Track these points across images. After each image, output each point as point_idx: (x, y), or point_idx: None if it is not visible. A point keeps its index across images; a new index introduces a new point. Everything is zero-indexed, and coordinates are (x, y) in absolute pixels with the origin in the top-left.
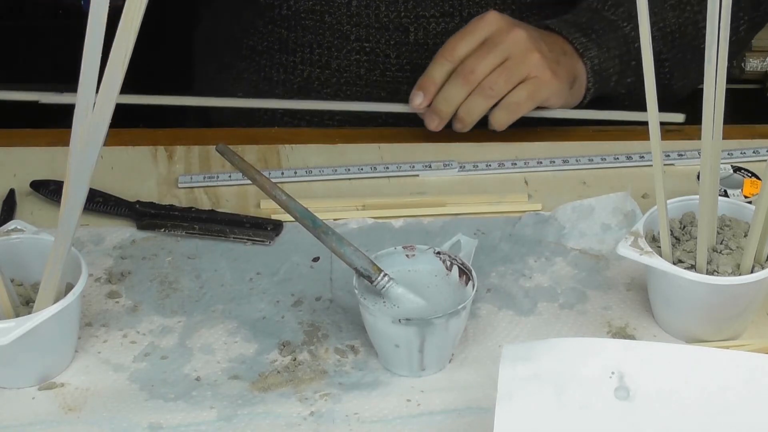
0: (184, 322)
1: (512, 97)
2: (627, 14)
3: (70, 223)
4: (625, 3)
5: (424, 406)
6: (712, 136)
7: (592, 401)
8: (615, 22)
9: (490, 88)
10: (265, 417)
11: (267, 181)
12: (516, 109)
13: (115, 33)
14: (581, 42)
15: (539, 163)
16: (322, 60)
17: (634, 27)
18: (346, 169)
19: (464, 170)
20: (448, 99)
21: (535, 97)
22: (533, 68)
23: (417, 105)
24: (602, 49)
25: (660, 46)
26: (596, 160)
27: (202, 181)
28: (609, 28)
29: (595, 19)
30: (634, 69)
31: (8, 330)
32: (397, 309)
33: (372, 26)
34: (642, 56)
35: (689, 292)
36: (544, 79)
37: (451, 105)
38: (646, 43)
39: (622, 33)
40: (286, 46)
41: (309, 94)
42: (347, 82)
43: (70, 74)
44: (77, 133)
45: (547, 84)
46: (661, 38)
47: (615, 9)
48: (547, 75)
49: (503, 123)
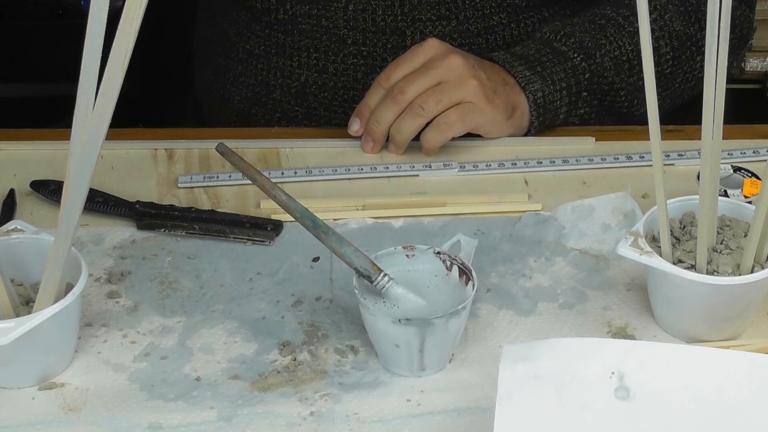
0: (184, 322)
1: (443, 117)
2: (578, 45)
3: (70, 223)
4: (577, 33)
5: (424, 406)
6: (712, 136)
7: (592, 401)
8: (566, 53)
9: (420, 106)
10: (265, 417)
11: (267, 181)
12: (447, 129)
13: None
14: (524, 75)
15: (539, 163)
16: (319, 64)
17: (584, 58)
18: (346, 169)
19: (464, 170)
20: (378, 119)
21: (466, 120)
22: (467, 94)
23: (354, 131)
24: (547, 82)
25: (612, 75)
26: (596, 160)
27: (202, 181)
28: (557, 60)
29: (544, 50)
30: (586, 100)
31: (8, 330)
32: (397, 309)
33: (369, 30)
34: (642, 56)
35: (689, 292)
36: (479, 105)
37: (382, 125)
38: (646, 43)
39: (572, 64)
40: (283, 50)
41: (306, 99)
42: (344, 86)
43: (70, 74)
44: (77, 133)
45: (481, 110)
46: (614, 68)
47: (566, 39)
48: (481, 102)
49: (433, 142)
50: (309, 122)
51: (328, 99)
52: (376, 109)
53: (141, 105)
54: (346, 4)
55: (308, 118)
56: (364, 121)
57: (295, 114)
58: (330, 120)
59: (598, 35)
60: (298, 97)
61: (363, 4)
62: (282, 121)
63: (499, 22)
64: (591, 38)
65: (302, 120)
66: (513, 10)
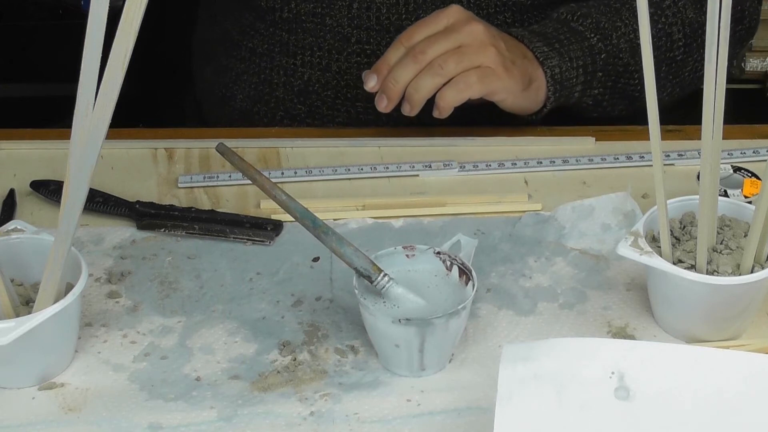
0: (184, 322)
1: (463, 77)
2: (594, 25)
3: (70, 223)
4: (594, 14)
5: (424, 406)
6: (712, 136)
7: (592, 401)
8: (582, 32)
9: (440, 66)
10: (265, 417)
11: (267, 181)
12: (465, 88)
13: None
14: (542, 51)
15: (539, 163)
16: (323, 62)
17: (601, 38)
18: (346, 169)
19: (464, 170)
20: (397, 78)
21: (485, 82)
22: (487, 59)
23: (370, 87)
24: (564, 59)
25: (627, 57)
26: (596, 160)
27: (202, 181)
28: (575, 39)
29: (562, 29)
30: (601, 81)
31: (8, 330)
32: (397, 309)
33: (373, 28)
34: (642, 56)
35: (689, 292)
36: (497, 71)
37: (399, 83)
38: (646, 43)
39: (588, 44)
40: (286, 49)
41: (309, 97)
42: (347, 85)
43: (70, 74)
44: (77, 133)
45: (500, 77)
46: (629, 50)
47: (583, 20)
48: (500, 69)
49: (450, 101)
50: (312, 120)
51: (331, 97)
52: (394, 67)
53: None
54: (350, 3)
55: (311, 116)
56: (381, 78)
57: (298, 112)
58: (333, 118)
59: (613, 17)
60: (300, 96)
61: (367, 2)
62: (284, 120)
63: (503, 21)
64: (607, 20)
65: (305, 118)
66: (518, 9)
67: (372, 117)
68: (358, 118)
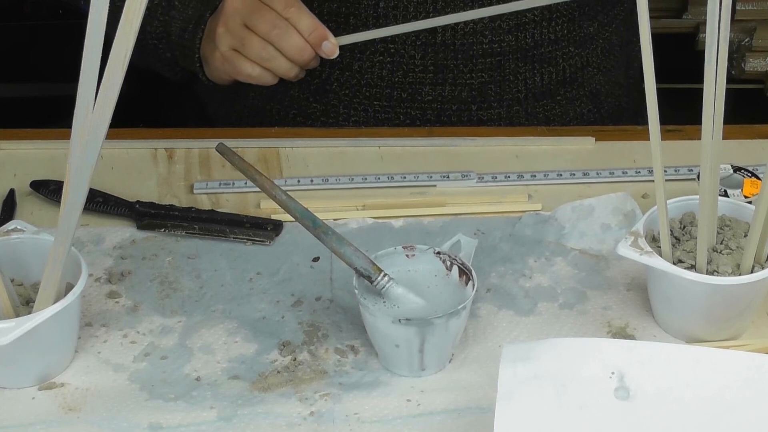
0: (184, 322)
1: None
2: None
3: (70, 223)
4: None
5: (424, 406)
6: (712, 136)
7: (592, 401)
8: None
9: None
10: (265, 417)
11: (267, 181)
12: None
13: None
14: None
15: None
16: (344, 61)
17: None
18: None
19: (482, 181)
20: None
21: None
22: None
23: None
24: None
25: None
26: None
27: (218, 188)
28: None
29: None
30: None
31: (8, 330)
32: (397, 309)
33: None
34: (642, 55)
35: (689, 292)
36: None
37: None
38: (646, 42)
39: None
40: None
41: (326, 95)
42: (367, 84)
43: (70, 74)
44: (77, 133)
45: None
46: None
47: None
48: None
49: None
50: (326, 119)
51: (349, 96)
52: None
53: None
54: (377, 2)
55: (326, 114)
56: None
57: (313, 110)
58: (348, 117)
59: None
60: (317, 94)
61: (395, 1)
62: (297, 118)
63: (531, 19)
64: None
65: (319, 116)
66: (546, 8)
67: (390, 116)
68: (375, 116)
